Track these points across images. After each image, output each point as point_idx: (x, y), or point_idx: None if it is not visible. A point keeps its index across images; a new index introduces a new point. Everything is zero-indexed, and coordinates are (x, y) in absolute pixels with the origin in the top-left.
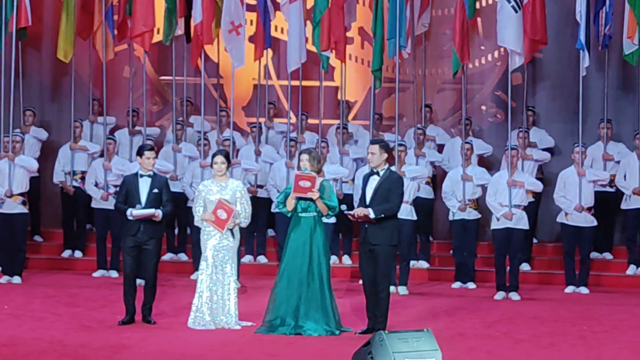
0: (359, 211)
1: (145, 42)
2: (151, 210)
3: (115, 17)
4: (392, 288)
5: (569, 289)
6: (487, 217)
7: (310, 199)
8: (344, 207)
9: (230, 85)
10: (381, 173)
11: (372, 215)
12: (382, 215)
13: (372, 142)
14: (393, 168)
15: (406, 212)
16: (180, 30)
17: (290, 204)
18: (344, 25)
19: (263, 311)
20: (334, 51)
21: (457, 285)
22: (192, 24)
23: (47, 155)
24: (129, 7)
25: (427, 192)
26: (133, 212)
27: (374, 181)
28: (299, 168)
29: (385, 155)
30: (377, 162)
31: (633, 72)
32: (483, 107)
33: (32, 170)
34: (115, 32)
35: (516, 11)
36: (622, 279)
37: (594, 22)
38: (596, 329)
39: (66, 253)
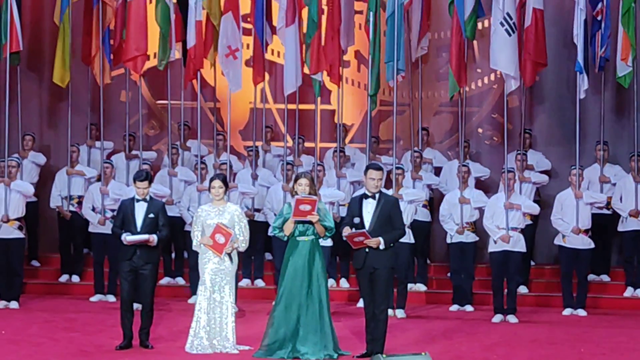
0: (372, 242)
1: (138, 66)
2: (145, 236)
3: (112, 42)
4: (389, 311)
5: (567, 312)
6: (484, 240)
7: (309, 222)
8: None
9: (227, 109)
10: (376, 196)
11: (382, 247)
12: (392, 245)
13: (377, 168)
14: (390, 191)
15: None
16: (177, 54)
17: (289, 228)
18: (339, 48)
19: (261, 335)
20: (328, 75)
21: (454, 308)
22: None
23: (45, 179)
24: (124, 31)
25: (424, 215)
26: (127, 238)
27: (370, 205)
28: (292, 192)
29: (383, 179)
30: (379, 187)
31: (628, 95)
32: (480, 130)
33: (28, 195)
34: (112, 56)
35: (510, 34)
36: (619, 301)
37: (590, 44)
38: (594, 351)
39: (63, 278)
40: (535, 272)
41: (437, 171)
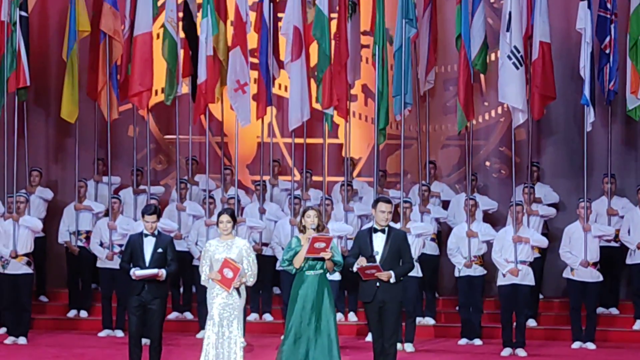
0: (384, 276)
1: (143, 102)
2: (154, 271)
3: (119, 77)
4: (398, 345)
5: (576, 345)
6: (492, 273)
7: (322, 259)
8: (356, 265)
9: (235, 143)
10: (385, 230)
11: (393, 280)
12: (401, 279)
13: (387, 201)
14: (398, 225)
15: None
16: (185, 89)
17: (299, 262)
18: (346, 83)
19: None
20: (336, 109)
21: (463, 341)
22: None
23: (53, 215)
24: (130, 67)
25: (432, 249)
26: (136, 273)
27: (379, 239)
28: (299, 226)
29: (392, 212)
30: (388, 220)
31: (636, 128)
32: (487, 163)
33: (36, 231)
34: (119, 91)
35: (517, 68)
36: (629, 334)
37: (598, 78)
38: None
39: (72, 313)
40: (544, 305)
41: (445, 204)
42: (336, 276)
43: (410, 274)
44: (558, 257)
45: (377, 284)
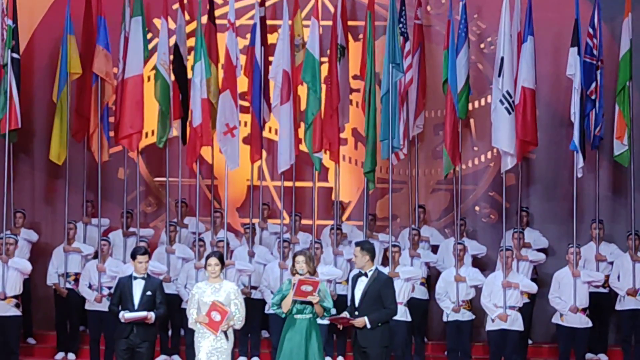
0: (357, 323)
1: (133, 144)
2: (143, 313)
3: (111, 120)
4: None
5: None
6: (481, 318)
7: (310, 303)
8: (333, 310)
9: (225, 186)
10: (369, 274)
11: (368, 326)
12: (379, 325)
13: (355, 244)
14: (387, 269)
15: (400, 313)
16: (175, 132)
17: (287, 305)
18: (338, 127)
19: None
20: (327, 152)
21: None
22: (189, 126)
23: (37, 257)
24: (121, 109)
25: (421, 293)
26: (125, 315)
27: (362, 282)
28: (292, 270)
29: (367, 257)
30: (360, 264)
31: (624, 173)
32: (477, 208)
33: (25, 273)
34: (111, 134)
35: (509, 112)
36: None
37: (585, 123)
38: None
39: (59, 355)
40: (533, 350)
41: (435, 249)
42: (325, 320)
43: (399, 318)
44: (547, 303)
45: (355, 330)
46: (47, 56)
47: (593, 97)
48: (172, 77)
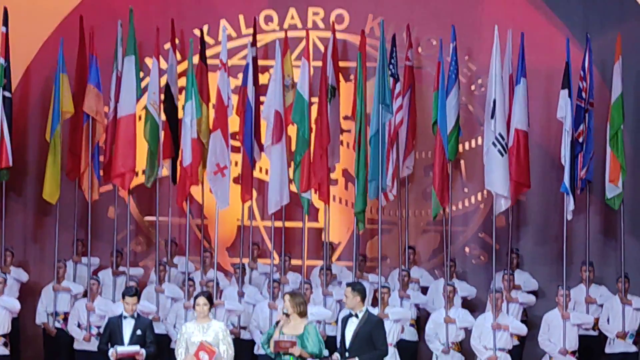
0: None
1: (125, 183)
2: (135, 348)
3: (101, 158)
4: None
5: None
6: None
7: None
8: (325, 352)
9: (215, 225)
10: (360, 315)
11: None
12: None
13: (346, 285)
14: (376, 310)
15: (390, 354)
16: (165, 172)
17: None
18: (327, 167)
19: None
20: (317, 192)
21: None
22: (179, 165)
23: (26, 295)
24: (113, 148)
25: (411, 335)
26: (117, 349)
27: (352, 324)
28: (283, 311)
29: (359, 298)
30: (351, 305)
31: (614, 215)
32: (467, 249)
33: (14, 312)
34: (101, 173)
35: (502, 155)
36: None
37: (574, 165)
38: None
39: None
40: None
41: (425, 290)
42: None
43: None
44: (537, 345)
45: None
46: (40, 94)
47: (580, 139)
48: (163, 117)
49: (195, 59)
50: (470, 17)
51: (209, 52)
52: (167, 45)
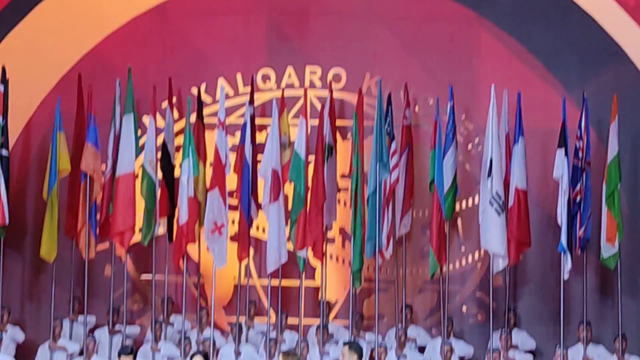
0: None
1: (125, 241)
2: None
3: (98, 217)
4: None
5: None
6: None
7: None
8: None
9: (212, 284)
10: None
11: None
12: None
13: (343, 344)
14: None
15: None
16: (162, 230)
17: None
18: (322, 225)
19: None
20: (312, 250)
21: None
22: (176, 224)
23: (23, 353)
24: (111, 206)
25: None
26: None
27: None
28: None
29: (355, 357)
30: None
31: (612, 276)
32: (464, 308)
33: None
34: (98, 231)
35: (499, 214)
36: None
37: (572, 225)
38: None
39: None
40: None
41: (422, 349)
42: None
43: None
44: None
45: None
46: (37, 153)
47: (578, 199)
48: (160, 175)
49: (193, 117)
50: (467, 77)
51: (206, 110)
52: (165, 104)
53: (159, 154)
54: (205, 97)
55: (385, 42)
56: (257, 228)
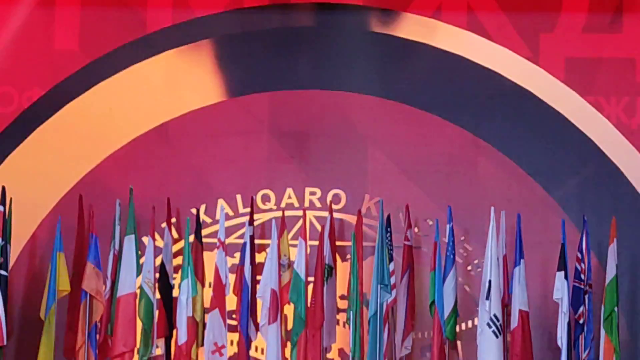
0: None
1: None
2: None
3: (98, 337)
4: None
5: None
6: None
7: None
8: None
9: None
10: None
11: None
12: None
13: None
14: None
15: None
16: (159, 351)
17: None
18: (320, 346)
19: None
20: None
21: None
22: (174, 344)
23: None
24: (110, 326)
25: None
26: None
27: None
28: None
29: None
30: None
31: None
32: None
33: None
34: (97, 351)
35: (497, 336)
36: None
37: (574, 347)
38: None
39: None
40: None
41: None
42: None
43: None
44: None
45: None
46: (35, 273)
47: (581, 321)
48: (157, 295)
49: (191, 238)
50: (466, 198)
51: (206, 231)
52: (164, 224)
53: (157, 275)
54: (205, 217)
55: (383, 164)
56: (256, 349)
